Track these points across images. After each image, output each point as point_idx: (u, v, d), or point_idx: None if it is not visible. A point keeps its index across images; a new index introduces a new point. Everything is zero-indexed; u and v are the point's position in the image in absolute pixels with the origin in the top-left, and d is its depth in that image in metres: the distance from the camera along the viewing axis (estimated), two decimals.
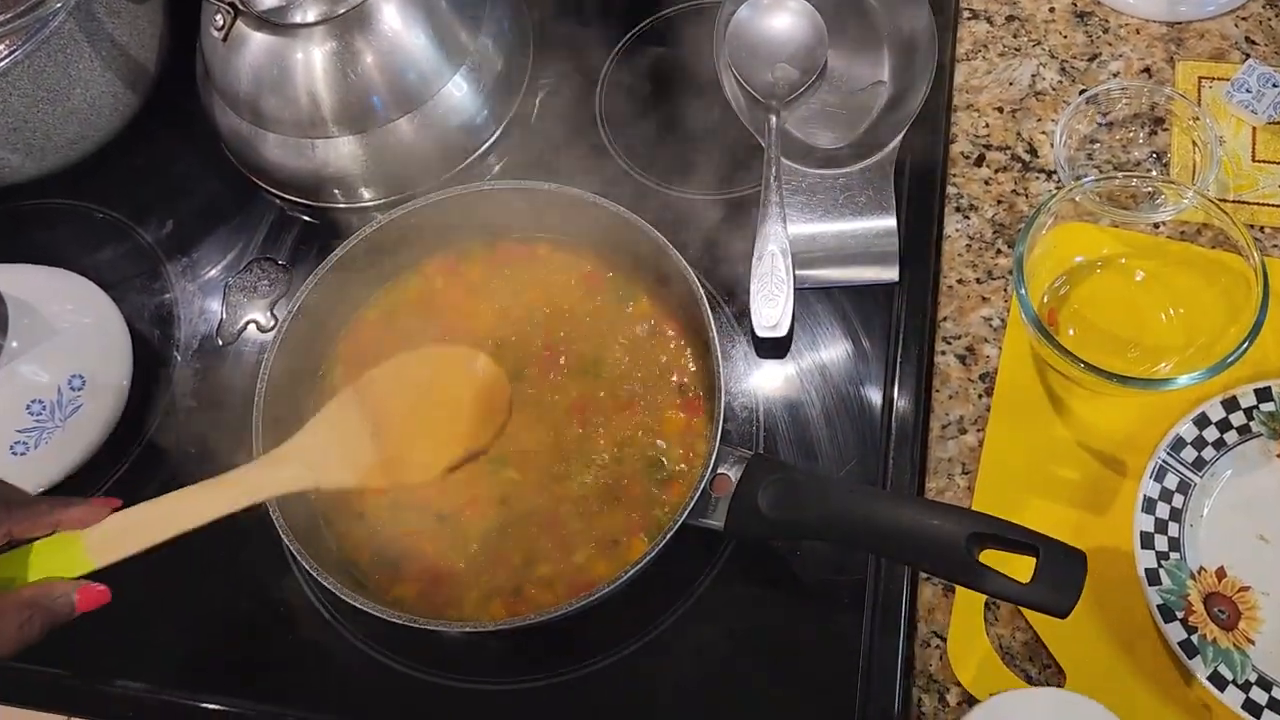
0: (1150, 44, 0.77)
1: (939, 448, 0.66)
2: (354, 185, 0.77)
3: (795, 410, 0.68)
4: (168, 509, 0.50)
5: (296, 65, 0.71)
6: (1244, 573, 0.60)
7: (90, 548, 0.47)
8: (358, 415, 0.55)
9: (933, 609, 0.62)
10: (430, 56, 0.74)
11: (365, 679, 0.64)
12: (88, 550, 0.47)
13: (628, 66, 0.82)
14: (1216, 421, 0.62)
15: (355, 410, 0.56)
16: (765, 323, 0.68)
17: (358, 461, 0.54)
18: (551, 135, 0.79)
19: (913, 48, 0.77)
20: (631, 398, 0.66)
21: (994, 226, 0.72)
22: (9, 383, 0.64)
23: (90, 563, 0.47)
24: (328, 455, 0.54)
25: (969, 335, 0.69)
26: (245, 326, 0.75)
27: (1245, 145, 0.72)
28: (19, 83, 0.71)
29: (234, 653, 0.66)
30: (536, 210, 0.69)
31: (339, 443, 0.54)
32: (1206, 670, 0.57)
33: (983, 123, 0.76)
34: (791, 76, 0.77)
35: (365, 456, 0.54)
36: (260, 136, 0.76)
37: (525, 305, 0.69)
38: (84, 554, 0.47)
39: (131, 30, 0.77)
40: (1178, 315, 0.66)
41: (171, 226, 0.80)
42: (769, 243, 0.69)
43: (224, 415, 0.72)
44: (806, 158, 0.74)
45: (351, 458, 0.54)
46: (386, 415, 0.56)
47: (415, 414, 0.56)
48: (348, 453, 0.54)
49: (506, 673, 0.63)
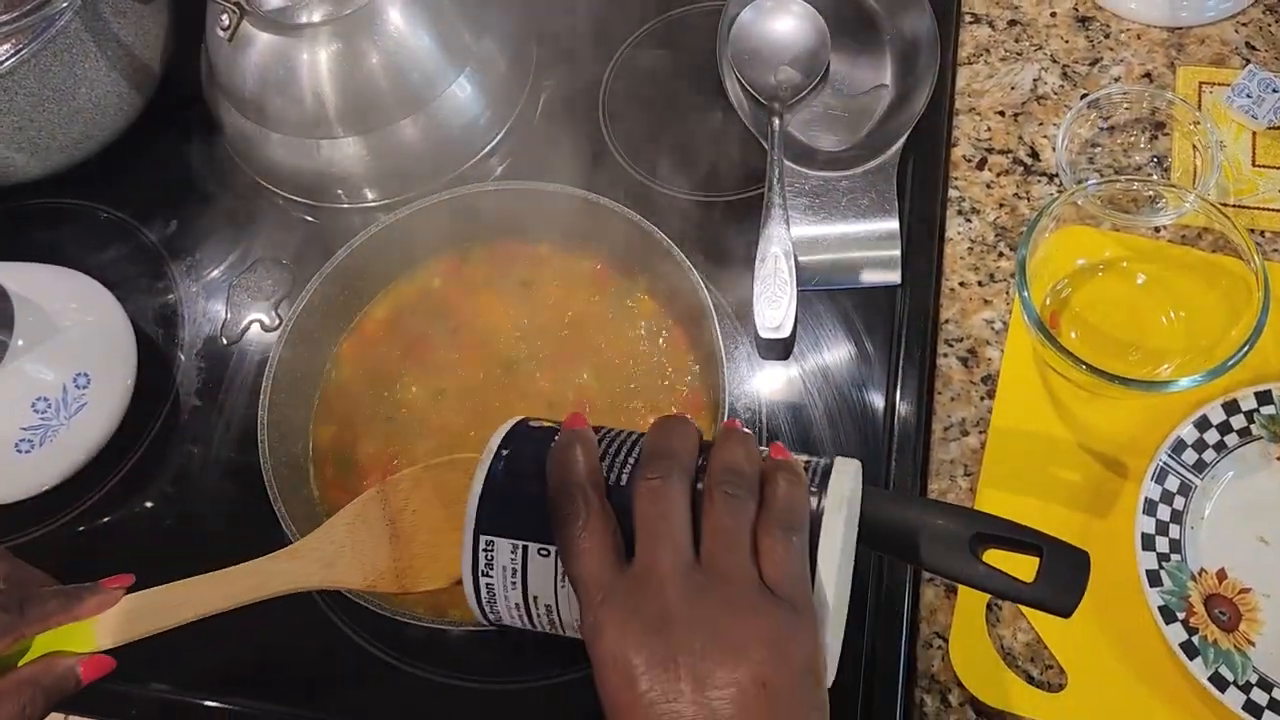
0: (1151, 49, 0.77)
1: (941, 449, 0.66)
2: (358, 185, 0.77)
3: (798, 412, 0.68)
4: (179, 597, 0.49)
5: (301, 66, 0.71)
6: (1245, 574, 0.61)
7: (99, 630, 0.48)
8: (379, 518, 0.55)
9: (934, 610, 0.62)
10: (435, 57, 0.74)
11: (368, 678, 0.64)
12: (97, 633, 0.48)
13: (631, 68, 0.82)
14: (1217, 424, 0.62)
15: (377, 512, 0.55)
16: (768, 324, 0.68)
17: (372, 565, 0.53)
18: (555, 136, 0.79)
19: (915, 51, 0.77)
20: (634, 399, 0.66)
21: (996, 229, 0.72)
22: (14, 380, 0.64)
23: (97, 645, 0.47)
24: (342, 555, 0.53)
25: (971, 337, 0.69)
26: (249, 326, 0.75)
27: (1245, 150, 0.72)
28: (25, 82, 0.71)
29: (235, 652, 0.66)
30: (540, 211, 0.69)
31: (355, 545, 0.54)
32: (1207, 671, 0.57)
33: (984, 126, 0.76)
34: (794, 79, 0.77)
35: (381, 561, 0.54)
36: (265, 136, 0.76)
37: (528, 306, 0.70)
38: (92, 637, 0.47)
39: (137, 30, 0.77)
40: (1179, 318, 0.67)
41: (175, 226, 0.80)
42: (772, 245, 0.70)
43: (228, 415, 0.72)
44: (809, 160, 0.74)
45: (367, 561, 0.53)
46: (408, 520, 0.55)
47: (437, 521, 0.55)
48: (363, 555, 0.53)
49: (511, 672, 0.63)
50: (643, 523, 0.39)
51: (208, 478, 0.71)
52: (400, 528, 0.54)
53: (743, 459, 0.41)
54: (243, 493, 0.67)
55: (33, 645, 0.47)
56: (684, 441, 0.42)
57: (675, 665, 0.36)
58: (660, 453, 0.41)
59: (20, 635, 0.46)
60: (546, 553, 0.42)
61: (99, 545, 0.70)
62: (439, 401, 0.67)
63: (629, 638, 0.37)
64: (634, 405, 0.66)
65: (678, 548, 0.39)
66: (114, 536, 0.70)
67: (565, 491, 0.40)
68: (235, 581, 0.51)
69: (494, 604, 0.43)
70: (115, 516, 0.71)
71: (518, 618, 0.44)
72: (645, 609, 0.38)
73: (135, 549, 0.69)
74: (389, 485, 0.56)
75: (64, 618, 0.47)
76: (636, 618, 0.38)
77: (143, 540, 0.70)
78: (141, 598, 0.49)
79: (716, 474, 0.41)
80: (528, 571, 0.42)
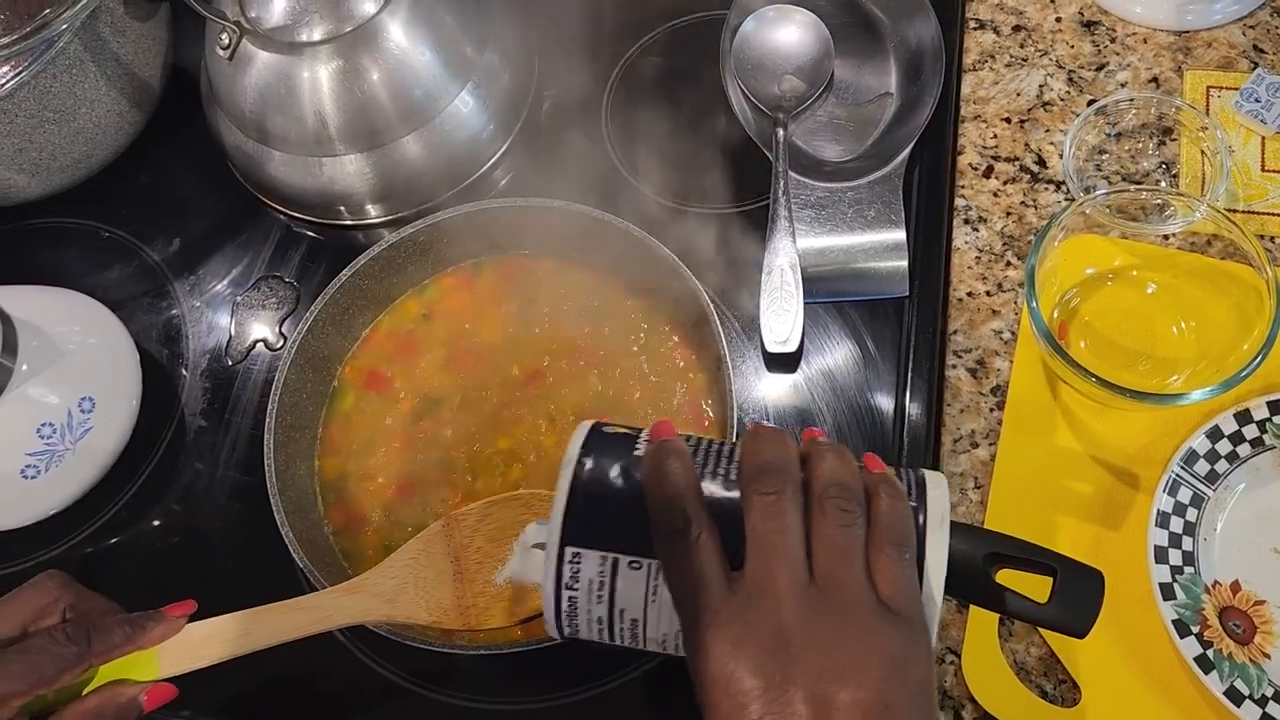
0: (1158, 53, 0.77)
1: (951, 462, 0.66)
2: (361, 202, 0.77)
3: (806, 425, 0.68)
4: (241, 626, 0.50)
5: (302, 84, 0.71)
6: (1259, 586, 0.60)
7: (163, 658, 0.48)
8: (443, 553, 0.55)
9: (946, 625, 0.62)
10: (437, 72, 0.74)
11: (378, 699, 0.63)
12: (160, 662, 0.48)
13: (633, 80, 0.82)
14: (1229, 434, 0.62)
15: (441, 548, 0.56)
16: (775, 338, 0.68)
17: (435, 601, 0.54)
18: (557, 150, 0.79)
19: (919, 59, 0.77)
20: (642, 413, 0.65)
21: (1003, 238, 0.72)
22: (19, 406, 0.64)
23: (160, 672, 0.48)
24: (405, 590, 0.54)
25: (980, 348, 0.69)
26: (254, 346, 0.75)
27: (1255, 155, 0.72)
28: (25, 103, 0.71)
29: (249, 676, 0.66)
30: (545, 226, 0.69)
31: (419, 580, 0.54)
32: (1223, 685, 0.56)
33: (990, 134, 0.75)
34: (798, 89, 0.76)
35: (444, 598, 0.54)
36: (266, 155, 0.76)
37: (535, 322, 0.69)
38: (155, 664, 0.48)
39: (136, 49, 0.77)
40: (1189, 328, 0.66)
41: (178, 245, 0.80)
42: (778, 257, 0.69)
43: (234, 435, 0.72)
44: (814, 171, 0.74)
45: (429, 596, 0.54)
46: (472, 555, 0.56)
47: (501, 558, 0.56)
48: (426, 591, 0.54)
49: (521, 692, 0.63)
50: (757, 538, 0.38)
51: (214, 498, 0.71)
52: (465, 565, 0.55)
53: (847, 473, 0.40)
54: (249, 513, 0.67)
55: (97, 673, 0.47)
56: (789, 455, 0.41)
57: (793, 687, 0.35)
58: (771, 467, 0.40)
59: (89, 666, 0.46)
60: (639, 565, 0.40)
61: (107, 567, 0.70)
62: (446, 417, 0.67)
63: (742, 658, 0.36)
64: (641, 419, 0.65)
65: (794, 564, 0.38)
66: (122, 558, 0.70)
67: (668, 505, 0.39)
68: (298, 614, 0.52)
69: (574, 618, 0.42)
70: (123, 538, 0.70)
71: (597, 632, 0.42)
72: (760, 628, 0.36)
73: (143, 570, 0.69)
74: (453, 521, 0.57)
75: (130, 647, 0.47)
76: (751, 637, 0.36)
77: (151, 561, 0.69)
78: (204, 626, 0.49)
79: (824, 488, 0.39)
80: (616, 585, 0.41)
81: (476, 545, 0.56)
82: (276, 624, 0.51)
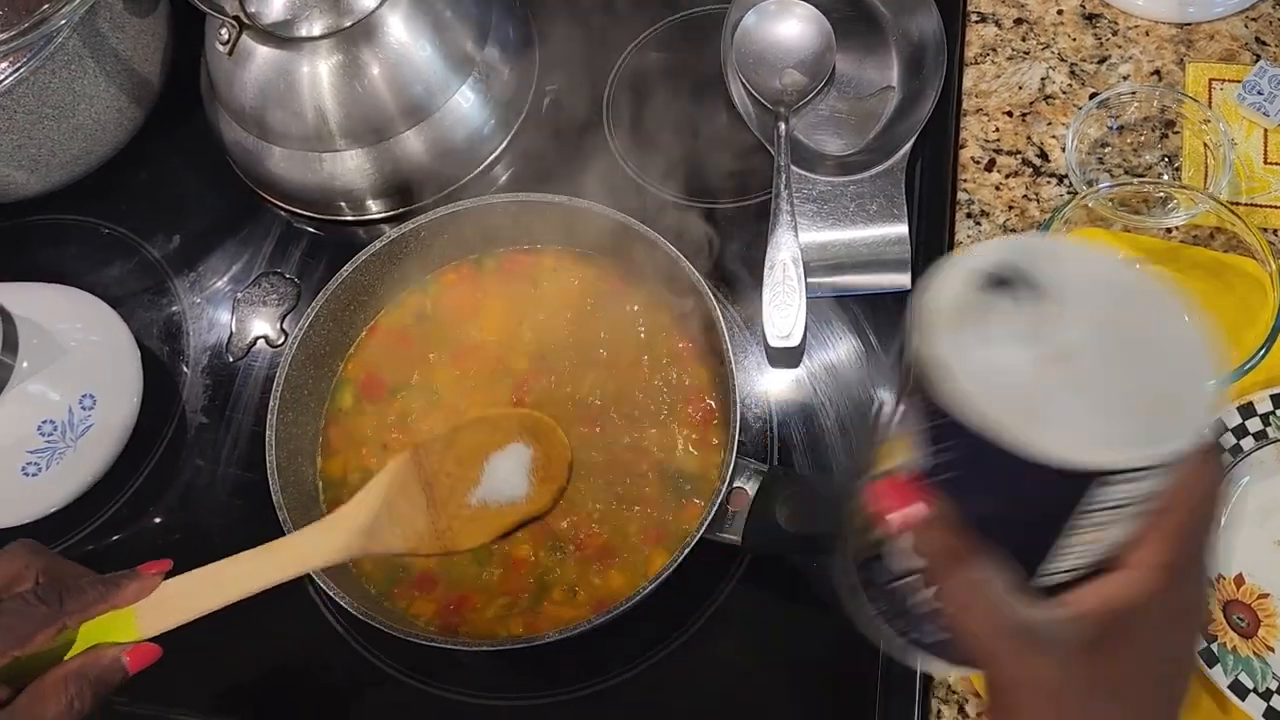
0: (1160, 46, 0.76)
1: None
2: (361, 198, 0.77)
3: (809, 420, 0.68)
4: (217, 577, 0.49)
5: (302, 79, 0.71)
6: (1263, 580, 0.60)
7: (141, 618, 0.47)
8: (414, 482, 0.55)
9: None
10: (437, 68, 0.74)
11: (381, 696, 0.63)
12: (138, 621, 0.47)
13: (634, 74, 0.82)
14: (1232, 428, 0.62)
15: (412, 476, 0.55)
16: (778, 332, 0.68)
17: (411, 530, 0.54)
18: (559, 144, 0.79)
19: (921, 52, 0.76)
20: (644, 409, 0.65)
21: (1005, 232, 0.72)
22: (20, 404, 0.64)
23: (139, 633, 0.47)
24: (379, 522, 0.53)
25: None
26: (255, 342, 0.75)
27: (1257, 148, 0.72)
28: (24, 99, 0.71)
29: (249, 671, 0.66)
30: (546, 222, 0.68)
31: (392, 510, 0.54)
32: (1227, 679, 0.56)
33: (993, 127, 0.75)
34: (800, 83, 0.76)
35: (418, 524, 0.54)
36: (266, 150, 0.76)
37: (537, 317, 0.69)
38: (134, 625, 0.47)
39: (135, 45, 0.77)
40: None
41: (178, 241, 0.80)
42: (780, 251, 0.69)
43: (235, 431, 0.72)
44: (816, 165, 0.74)
45: (404, 525, 0.54)
46: (444, 481, 0.56)
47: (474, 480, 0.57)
48: (401, 520, 0.54)
49: (524, 688, 0.63)
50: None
51: (216, 495, 0.70)
52: (437, 491, 0.56)
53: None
54: (251, 510, 0.67)
55: (77, 639, 0.46)
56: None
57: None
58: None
59: (62, 626, 0.45)
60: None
61: (109, 564, 0.68)
62: (448, 413, 0.67)
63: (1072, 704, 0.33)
64: (645, 415, 0.65)
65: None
66: (124, 555, 0.70)
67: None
68: (276, 557, 0.51)
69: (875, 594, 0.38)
70: (124, 535, 0.70)
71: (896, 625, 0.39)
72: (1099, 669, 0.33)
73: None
74: (422, 450, 0.57)
75: (104, 606, 0.46)
76: (1087, 680, 0.33)
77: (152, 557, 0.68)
78: (181, 581, 0.48)
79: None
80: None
81: (447, 470, 0.56)
82: (255, 570, 0.49)
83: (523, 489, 0.58)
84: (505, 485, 0.57)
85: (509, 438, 0.58)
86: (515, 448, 0.58)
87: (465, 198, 0.68)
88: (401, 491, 0.55)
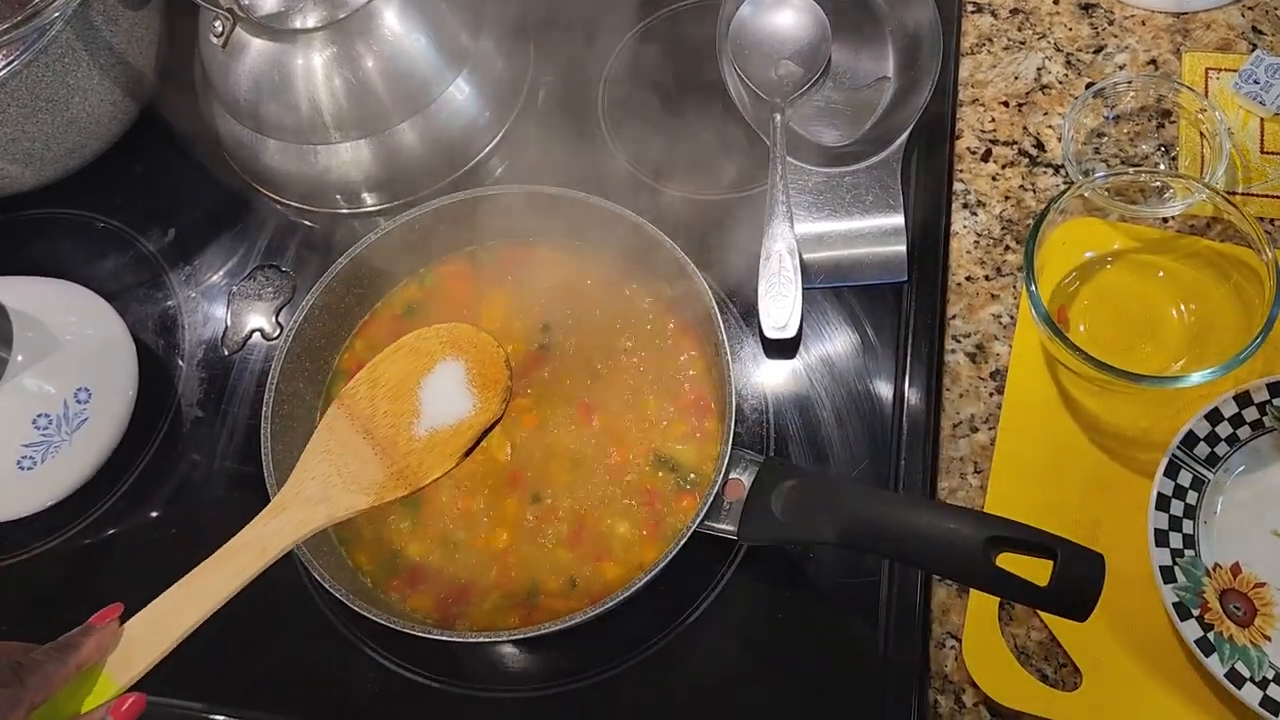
0: (1156, 35, 0.76)
1: (950, 447, 0.66)
2: (356, 191, 0.77)
3: (805, 411, 0.68)
4: (181, 599, 0.47)
5: (297, 71, 0.71)
6: (1259, 569, 0.60)
7: (114, 671, 0.45)
8: (351, 434, 0.52)
9: (947, 610, 0.62)
10: (431, 59, 0.73)
11: (379, 689, 0.63)
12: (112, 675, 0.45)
13: (629, 66, 0.81)
14: (1229, 417, 0.62)
15: (347, 429, 0.53)
16: (774, 324, 0.68)
17: (368, 483, 0.51)
18: (554, 136, 0.79)
19: (917, 42, 0.76)
20: (640, 401, 0.65)
21: (1002, 222, 0.72)
22: (14, 397, 0.64)
23: (117, 686, 0.45)
24: (331, 486, 0.51)
25: (979, 333, 0.69)
26: (250, 335, 0.75)
27: (1254, 137, 0.71)
28: (17, 93, 0.70)
29: (244, 665, 0.66)
30: (542, 214, 0.68)
31: (340, 470, 0.51)
32: (1223, 668, 0.56)
33: (989, 117, 0.75)
34: (795, 74, 0.76)
35: (372, 475, 0.51)
36: (261, 143, 0.76)
37: (532, 310, 0.69)
38: (109, 680, 0.45)
39: (129, 38, 0.76)
40: (1189, 310, 0.66)
41: (173, 234, 0.80)
42: (776, 242, 0.69)
43: (231, 425, 0.72)
44: (812, 156, 0.74)
45: (359, 481, 0.51)
46: (382, 422, 0.53)
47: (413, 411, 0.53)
48: (352, 477, 0.51)
49: (520, 681, 0.63)
50: None
51: (212, 489, 0.70)
52: (379, 435, 0.52)
53: None
54: (247, 503, 0.65)
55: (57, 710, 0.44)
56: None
57: None
58: None
59: (32, 706, 0.42)
60: None
61: (105, 558, 0.69)
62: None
63: None
64: (641, 406, 0.65)
65: None
66: (119, 549, 0.70)
67: None
68: (233, 559, 0.48)
69: None
70: (120, 529, 0.70)
71: None
72: None
73: (141, 561, 0.69)
74: (346, 399, 0.54)
75: (67, 671, 0.43)
76: None
77: (148, 552, 0.69)
78: (142, 618, 0.46)
79: None
80: None
81: (382, 410, 0.53)
82: (216, 579, 0.47)
83: (468, 404, 0.54)
84: (448, 406, 0.54)
85: (434, 359, 0.55)
86: (444, 366, 0.55)
87: (460, 190, 0.68)
88: (342, 449, 0.52)
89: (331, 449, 0.52)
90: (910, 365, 0.67)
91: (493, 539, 0.62)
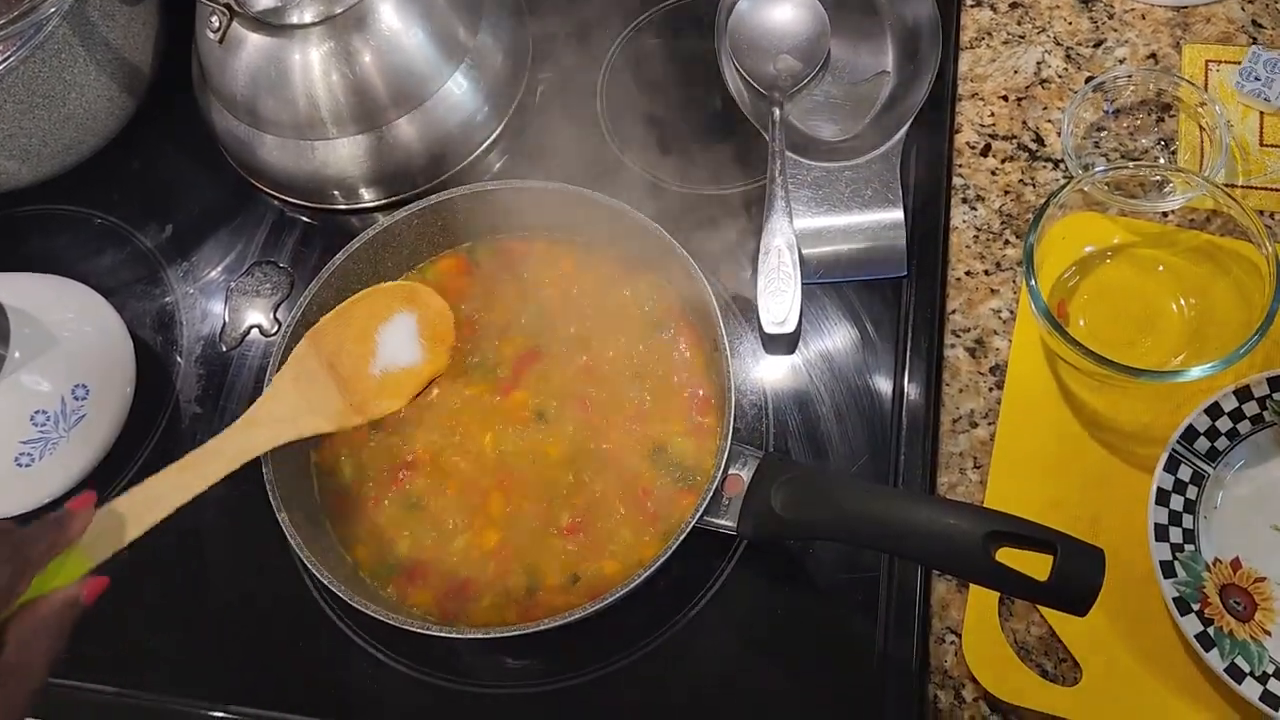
0: (1156, 29, 0.76)
1: (950, 442, 0.66)
2: (354, 186, 0.76)
3: (805, 406, 0.68)
4: (151, 493, 0.51)
5: (294, 66, 0.70)
6: (1259, 563, 0.60)
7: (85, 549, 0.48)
8: (318, 367, 0.60)
9: (946, 605, 0.62)
10: (429, 55, 0.73)
11: (378, 685, 0.63)
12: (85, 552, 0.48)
13: (628, 60, 0.81)
14: (1229, 411, 0.62)
15: (314, 360, 0.60)
16: (773, 319, 0.67)
17: (331, 411, 0.59)
18: (553, 131, 0.78)
19: (916, 36, 0.76)
20: (639, 396, 0.65)
21: (1001, 217, 0.71)
22: (12, 394, 0.64)
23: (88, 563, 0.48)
24: (297, 408, 0.58)
25: (978, 327, 0.68)
26: (248, 331, 0.74)
27: (1254, 130, 0.71)
28: (13, 89, 0.70)
29: (244, 661, 0.66)
30: (540, 209, 0.68)
31: (306, 394, 0.59)
32: (1224, 663, 0.56)
33: (988, 112, 0.75)
34: (794, 68, 0.76)
35: (334, 402, 0.59)
36: (258, 138, 0.75)
37: (530, 304, 0.69)
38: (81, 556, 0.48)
39: (126, 33, 0.76)
40: (1189, 305, 0.66)
41: (171, 231, 0.79)
42: (775, 237, 0.69)
43: (229, 422, 0.72)
44: (811, 151, 0.73)
45: (321, 405, 0.59)
46: (345, 359, 0.61)
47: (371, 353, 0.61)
48: (316, 401, 0.59)
49: (520, 677, 0.63)
50: None
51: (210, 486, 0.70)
52: (342, 370, 0.60)
53: None
54: (246, 500, 0.66)
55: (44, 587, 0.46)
56: None
57: None
58: None
59: (36, 572, 0.45)
60: None
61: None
62: (442, 401, 0.67)
63: None
64: (640, 402, 0.65)
65: None
66: None
67: None
68: (205, 462, 0.54)
69: None
70: None
71: None
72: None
73: (139, 559, 0.68)
74: (315, 335, 0.62)
75: (62, 542, 0.47)
76: None
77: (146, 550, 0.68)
78: (117, 505, 0.50)
79: None
80: None
81: (347, 349, 0.61)
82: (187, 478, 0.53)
83: (417, 354, 0.62)
84: (401, 352, 0.62)
85: (391, 309, 0.63)
86: (400, 317, 0.62)
87: (459, 185, 0.68)
88: (310, 380, 0.59)
89: (300, 380, 0.60)
90: (910, 360, 0.67)
91: (491, 535, 0.62)
